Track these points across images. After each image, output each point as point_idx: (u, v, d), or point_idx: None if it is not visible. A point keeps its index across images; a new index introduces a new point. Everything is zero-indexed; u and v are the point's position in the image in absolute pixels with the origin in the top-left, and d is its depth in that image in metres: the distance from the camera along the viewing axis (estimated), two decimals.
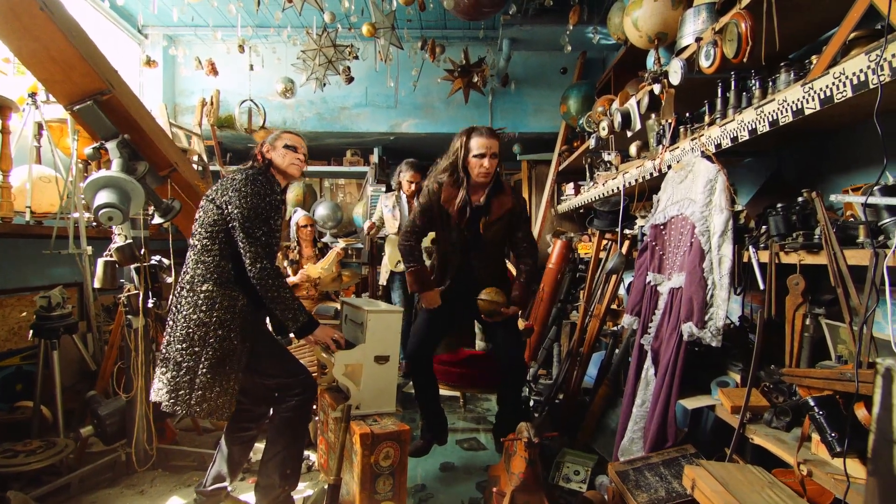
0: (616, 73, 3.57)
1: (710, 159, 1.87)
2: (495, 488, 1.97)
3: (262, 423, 2.11)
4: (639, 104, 2.50)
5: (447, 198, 2.41)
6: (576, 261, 3.92)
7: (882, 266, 1.18)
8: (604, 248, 3.13)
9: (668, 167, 2.18)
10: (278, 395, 1.96)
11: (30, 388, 2.79)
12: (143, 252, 2.31)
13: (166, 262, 2.47)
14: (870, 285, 1.20)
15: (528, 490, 1.84)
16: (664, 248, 2.13)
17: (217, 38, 4.13)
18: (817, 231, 1.44)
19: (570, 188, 4.40)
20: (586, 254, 3.67)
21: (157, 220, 2.24)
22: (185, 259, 1.95)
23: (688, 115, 2.19)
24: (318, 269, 3.45)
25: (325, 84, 3.89)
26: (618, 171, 2.90)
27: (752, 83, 1.76)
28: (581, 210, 4.09)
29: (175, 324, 1.86)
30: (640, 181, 2.51)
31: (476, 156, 2.33)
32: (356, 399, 2.02)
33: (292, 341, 2.87)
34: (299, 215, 3.84)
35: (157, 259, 2.43)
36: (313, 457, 2.53)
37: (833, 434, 1.25)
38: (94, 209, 1.90)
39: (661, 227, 2.15)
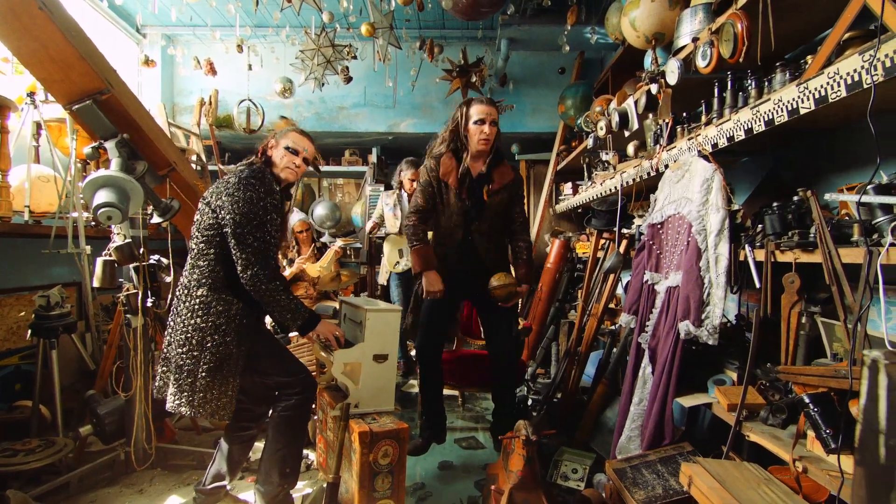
0: (614, 72, 3.59)
1: (706, 159, 1.88)
2: (493, 486, 1.98)
3: (262, 423, 2.11)
4: (636, 104, 2.52)
5: (446, 170, 2.40)
6: (574, 260, 3.93)
7: (876, 264, 1.19)
8: (602, 248, 3.14)
9: (666, 167, 2.19)
10: (278, 394, 1.97)
11: (29, 387, 2.79)
12: (141, 251, 2.31)
13: (165, 262, 2.47)
14: (864, 283, 1.21)
15: (526, 488, 1.85)
16: (661, 247, 2.14)
17: (216, 37, 4.13)
18: (812, 230, 1.45)
19: (568, 188, 4.42)
20: (584, 253, 3.68)
21: (156, 219, 2.25)
22: (184, 259, 1.95)
23: (685, 115, 2.20)
24: (316, 268, 3.45)
25: (323, 84, 3.89)
26: (615, 171, 2.91)
27: (749, 83, 1.77)
28: (579, 209, 4.10)
29: (175, 326, 1.87)
30: (637, 181, 2.52)
31: (476, 122, 2.33)
32: (355, 397, 2.03)
33: (291, 340, 2.88)
34: (295, 220, 3.84)
35: (155, 258, 2.43)
36: (312, 455, 2.54)
37: (828, 431, 1.26)
38: (93, 208, 1.90)
39: (659, 226, 2.16)
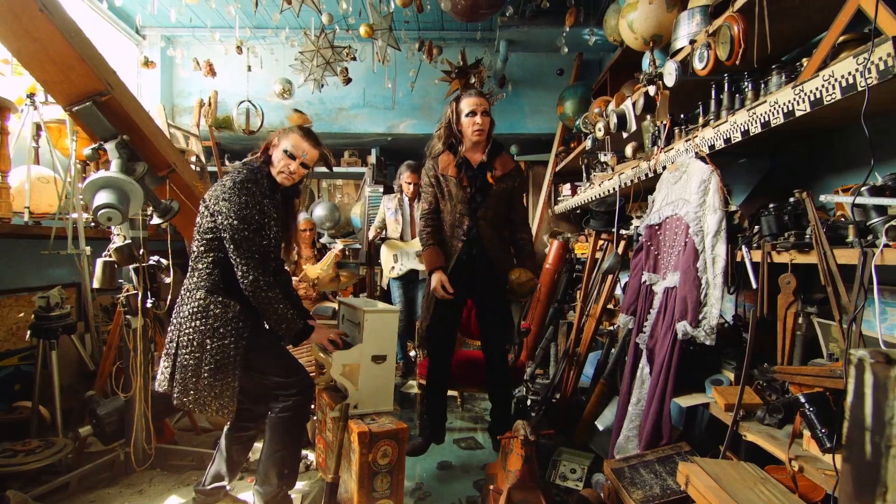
0: (612, 74, 3.59)
1: (703, 160, 1.89)
2: (492, 486, 1.98)
3: (262, 423, 2.11)
4: (634, 105, 2.53)
5: (445, 165, 2.44)
6: (572, 261, 3.94)
7: (870, 265, 1.20)
8: (600, 249, 3.15)
9: (663, 168, 2.20)
10: (276, 394, 1.98)
11: (28, 387, 2.79)
12: (141, 252, 2.32)
13: (164, 263, 2.48)
14: (858, 284, 1.22)
15: (524, 487, 1.85)
16: (659, 248, 2.15)
17: (215, 39, 4.13)
18: (808, 231, 1.46)
19: (566, 189, 4.43)
20: (583, 254, 3.69)
21: (156, 220, 2.25)
22: (183, 260, 1.96)
23: (682, 117, 2.21)
24: (316, 270, 3.47)
25: (322, 85, 3.90)
26: (614, 172, 2.92)
27: (745, 85, 1.78)
28: (578, 210, 4.11)
29: (178, 325, 1.89)
30: (635, 182, 2.53)
31: (468, 114, 2.37)
32: (354, 398, 2.03)
33: None
34: (299, 219, 3.85)
35: (155, 259, 2.44)
36: (311, 456, 2.54)
37: (823, 430, 1.27)
38: (93, 210, 1.90)
39: (656, 227, 2.17)
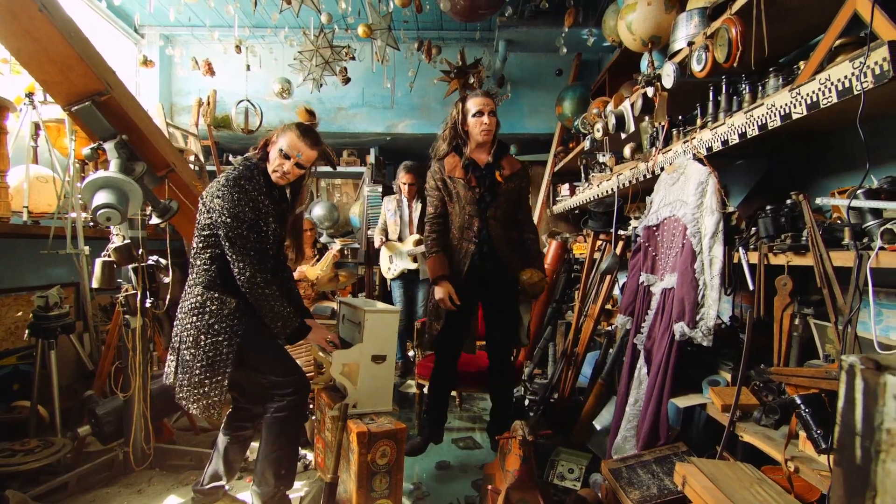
0: (611, 74, 3.61)
1: (701, 162, 1.90)
2: (490, 486, 1.99)
3: (259, 423, 2.11)
4: (632, 107, 2.54)
5: (452, 167, 2.41)
6: (571, 261, 3.95)
7: (865, 267, 1.21)
8: (598, 249, 3.16)
9: (661, 169, 2.21)
10: (272, 393, 1.98)
11: (27, 387, 2.79)
12: (140, 252, 2.32)
13: (163, 262, 2.48)
14: (854, 286, 1.23)
15: (522, 487, 1.86)
16: (657, 249, 2.15)
17: (214, 38, 4.13)
18: (805, 233, 1.47)
19: (565, 189, 4.44)
20: (581, 254, 3.70)
21: (155, 220, 2.25)
22: (182, 260, 1.97)
23: (680, 118, 2.22)
24: (316, 270, 3.48)
25: (321, 84, 3.90)
26: (612, 173, 2.93)
27: (743, 87, 1.79)
28: (576, 211, 4.12)
29: (179, 320, 1.91)
30: (633, 183, 2.54)
31: (475, 114, 2.34)
32: (353, 398, 2.04)
33: None
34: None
35: (154, 259, 2.44)
36: (310, 455, 2.55)
37: (818, 431, 1.28)
38: (92, 209, 1.91)
39: (654, 228, 2.18)
